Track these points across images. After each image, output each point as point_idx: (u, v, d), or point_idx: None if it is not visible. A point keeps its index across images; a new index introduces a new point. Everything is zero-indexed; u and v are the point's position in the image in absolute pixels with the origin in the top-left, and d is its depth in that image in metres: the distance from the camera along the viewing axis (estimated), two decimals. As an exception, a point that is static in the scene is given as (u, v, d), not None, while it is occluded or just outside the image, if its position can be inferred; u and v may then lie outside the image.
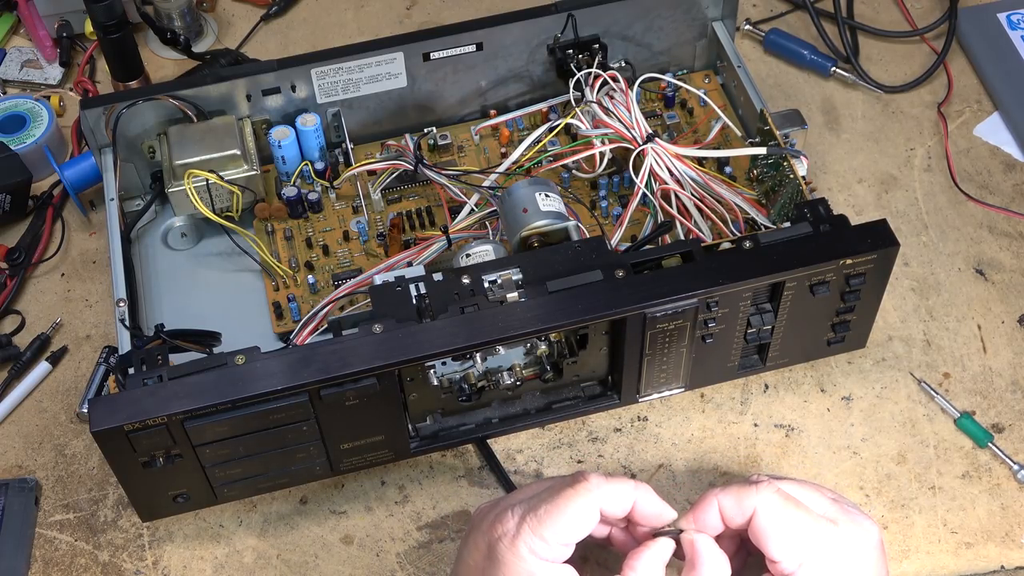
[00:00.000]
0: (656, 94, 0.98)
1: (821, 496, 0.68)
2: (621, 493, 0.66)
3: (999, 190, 0.97)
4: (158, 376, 0.71)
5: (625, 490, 0.66)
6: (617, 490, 0.66)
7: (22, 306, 0.92)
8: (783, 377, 0.86)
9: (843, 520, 0.66)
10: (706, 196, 0.86)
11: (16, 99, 1.02)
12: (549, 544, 0.63)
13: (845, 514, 0.66)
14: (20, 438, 0.85)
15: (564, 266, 0.76)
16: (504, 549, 0.64)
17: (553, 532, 0.63)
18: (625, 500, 0.66)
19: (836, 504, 0.67)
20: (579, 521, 0.64)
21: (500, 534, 0.64)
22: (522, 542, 0.63)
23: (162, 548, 0.79)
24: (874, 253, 0.76)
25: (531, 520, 0.64)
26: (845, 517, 0.66)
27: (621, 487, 0.66)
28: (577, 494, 0.64)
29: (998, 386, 0.85)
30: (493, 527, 0.65)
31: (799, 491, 0.67)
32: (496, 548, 0.64)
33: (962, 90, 1.04)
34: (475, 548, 0.66)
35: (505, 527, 0.64)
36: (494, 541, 0.64)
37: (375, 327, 0.72)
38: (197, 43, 1.10)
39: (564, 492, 0.65)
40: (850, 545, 0.65)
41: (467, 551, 0.67)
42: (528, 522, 0.64)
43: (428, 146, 0.96)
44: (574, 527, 0.64)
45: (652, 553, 0.66)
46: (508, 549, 0.63)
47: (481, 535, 0.66)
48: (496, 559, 0.64)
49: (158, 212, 0.94)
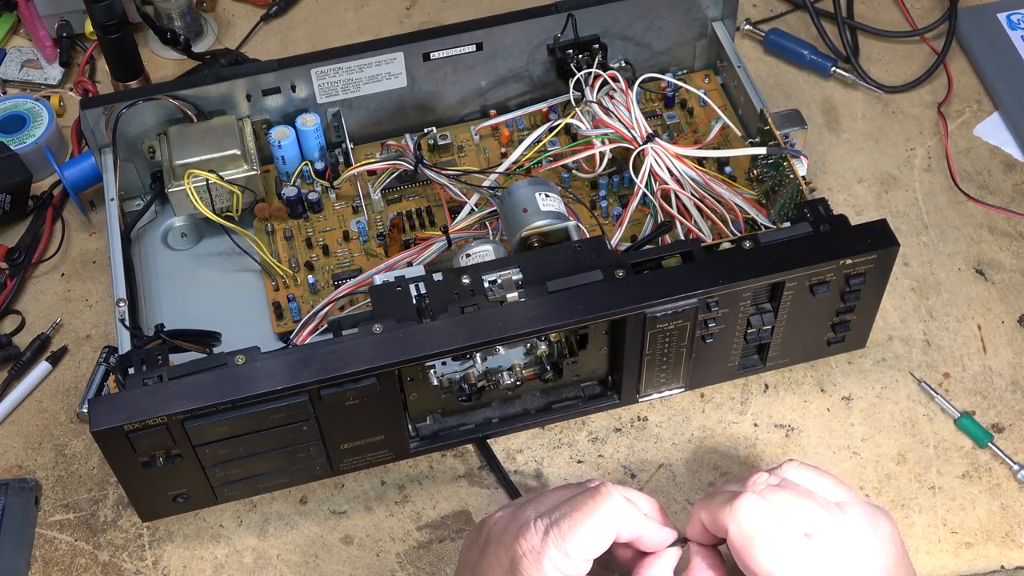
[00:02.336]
0: (656, 94, 0.98)
1: (814, 507, 0.64)
2: (640, 505, 0.66)
3: (999, 190, 0.97)
4: (158, 376, 0.71)
5: (643, 502, 0.67)
6: (636, 502, 0.66)
7: (22, 306, 0.92)
8: (783, 377, 0.86)
9: (828, 535, 0.63)
10: (706, 196, 0.86)
11: (16, 99, 1.02)
12: (573, 560, 0.63)
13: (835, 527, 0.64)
14: (20, 438, 0.85)
15: (564, 266, 0.76)
16: (529, 566, 0.63)
17: (576, 548, 0.63)
18: (644, 511, 0.66)
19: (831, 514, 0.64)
20: (601, 534, 0.64)
21: (525, 551, 0.64)
22: (547, 559, 0.63)
23: (162, 548, 0.79)
24: (874, 253, 0.76)
25: (555, 536, 0.63)
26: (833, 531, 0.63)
27: (640, 499, 0.66)
28: (598, 507, 0.64)
29: (998, 386, 0.85)
30: (517, 542, 0.64)
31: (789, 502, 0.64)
32: (520, 565, 0.64)
33: (962, 90, 1.04)
34: (496, 563, 0.65)
35: (530, 543, 0.64)
36: (518, 557, 0.64)
37: (375, 327, 0.72)
38: (197, 43, 1.10)
39: (585, 504, 0.64)
40: (831, 563, 0.63)
41: (486, 564, 0.66)
42: (552, 538, 0.64)
43: (428, 146, 0.96)
44: (596, 541, 0.64)
45: (662, 564, 0.66)
46: (533, 565, 0.63)
47: (503, 548, 0.65)
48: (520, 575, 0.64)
49: (158, 212, 0.94)
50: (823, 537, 0.63)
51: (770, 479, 0.66)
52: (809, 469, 0.68)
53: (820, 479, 0.67)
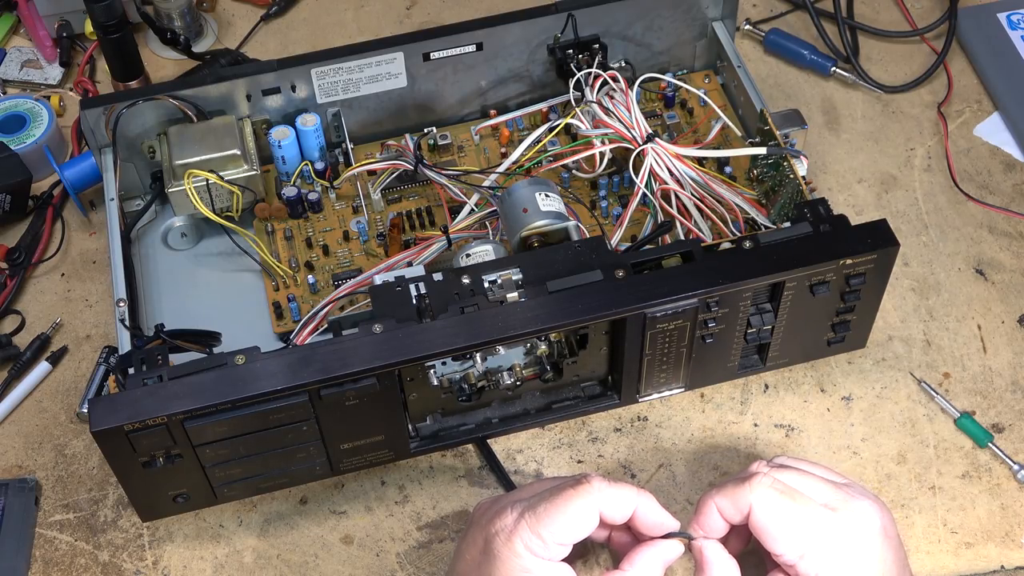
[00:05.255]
0: (656, 94, 0.98)
1: (822, 483, 0.67)
2: (622, 498, 0.66)
3: (999, 190, 0.97)
4: (158, 376, 0.71)
5: (627, 496, 0.66)
6: (618, 495, 0.66)
7: (22, 306, 0.92)
8: (783, 377, 0.86)
9: (843, 507, 0.66)
10: (706, 196, 0.86)
11: (16, 99, 1.02)
12: (546, 543, 0.64)
13: (846, 500, 0.66)
14: (20, 438, 0.85)
15: (564, 266, 0.76)
16: (500, 544, 0.64)
17: (550, 531, 0.63)
18: (626, 506, 0.66)
19: (839, 490, 0.67)
20: (577, 522, 0.64)
21: (497, 529, 0.64)
22: (519, 538, 0.63)
23: (162, 548, 0.79)
24: (874, 253, 0.76)
25: (529, 517, 0.64)
26: (845, 503, 0.66)
27: (623, 492, 0.66)
28: (578, 495, 0.64)
29: (998, 386, 0.85)
30: (491, 522, 0.65)
31: (798, 480, 0.67)
32: (492, 543, 0.64)
33: (962, 90, 1.04)
34: (472, 543, 0.66)
35: (503, 522, 0.64)
36: (491, 536, 0.64)
37: (375, 327, 0.72)
38: (197, 43, 1.10)
39: (565, 492, 0.65)
40: (851, 531, 0.65)
41: (464, 545, 0.67)
42: (526, 519, 0.64)
43: (428, 146, 0.96)
44: (572, 528, 0.64)
45: (654, 552, 0.66)
46: (504, 544, 0.64)
47: (479, 530, 0.66)
48: (492, 554, 0.64)
49: (158, 212, 0.94)
50: (840, 508, 0.65)
51: (771, 465, 0.68)
52: (801, 460, 0.70)
53: (815, 467, 0.70)
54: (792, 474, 0.67)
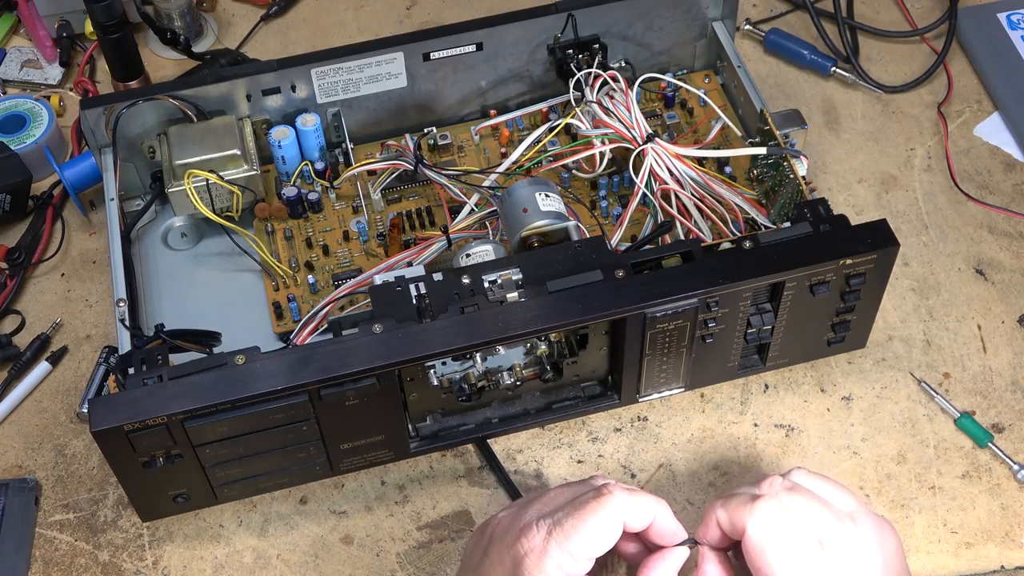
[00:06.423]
0: (656, 94, 0.98)
1: (827, 512, 0.65)
2: (643, 508, 0.66)
3: (999, 190, 0.97)
4: (158, 376, 0.71)
5: (647, 505, 0.66)
6: (640, 504, 0.66)
7: (22, 306, 0.92)
8: (783, 377, 0.86)
9: (840, 545, 0.63)
10: (706, 196, 0.86)
11: (16, 99, 1.02)
12: (576, 559, 0.63)
13: (847, 536, 0.64)
14: (20, 438, 0.85)
15: (564, 266, 0.76)
16: (531, 565, 0.63)
17: (580, 548, 0.63)
18: (647, 515, 0.66)
19: (842, 522, 0.64)
20: (604, 535, 0.64)
21: (527, 550, 0.64)
22: (549, 559, 0.63)
23: (162, 548, 0.79)
24: (874, 253, 0.76)
25: (558, 535, 0.64)
26: (844, 540, 0.64)
27: (643, 501, 0.66)
28: (601, 507, 0.64)
29: (998, 386, 0.85)
30: (518, 541, 0.64)
31: (804, 506, 0.64)
32: (523, 565, 0.64)
33: (962, 90, 1.04)
34: (499, 563, 0.65)
35: (531, 543, 0.64)
36: (520, 557, 0.64)
37: (375, 327, 0.72)
38: (197, 43, 1.10)
39: (588, 505, 0.64)
40: (843, 571, 0.63)
41: (488, 565, 0.66)
42: (555, 538, 0.63)
43: (428, 146, 0.96)
44: (599, 542, 0.64)
45: (669, 562, 0.66)
46: (535, 566, 0.63)
47: (504, 549, 0.65)
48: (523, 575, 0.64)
49: (158, 212, 0.94)
50: (835, 545, 0.64)
51: (784, 482, 0.66)
52: (817, 477, 0.68)
53: (830, 487, 0.67)
54: (800, 498, 0.65)
